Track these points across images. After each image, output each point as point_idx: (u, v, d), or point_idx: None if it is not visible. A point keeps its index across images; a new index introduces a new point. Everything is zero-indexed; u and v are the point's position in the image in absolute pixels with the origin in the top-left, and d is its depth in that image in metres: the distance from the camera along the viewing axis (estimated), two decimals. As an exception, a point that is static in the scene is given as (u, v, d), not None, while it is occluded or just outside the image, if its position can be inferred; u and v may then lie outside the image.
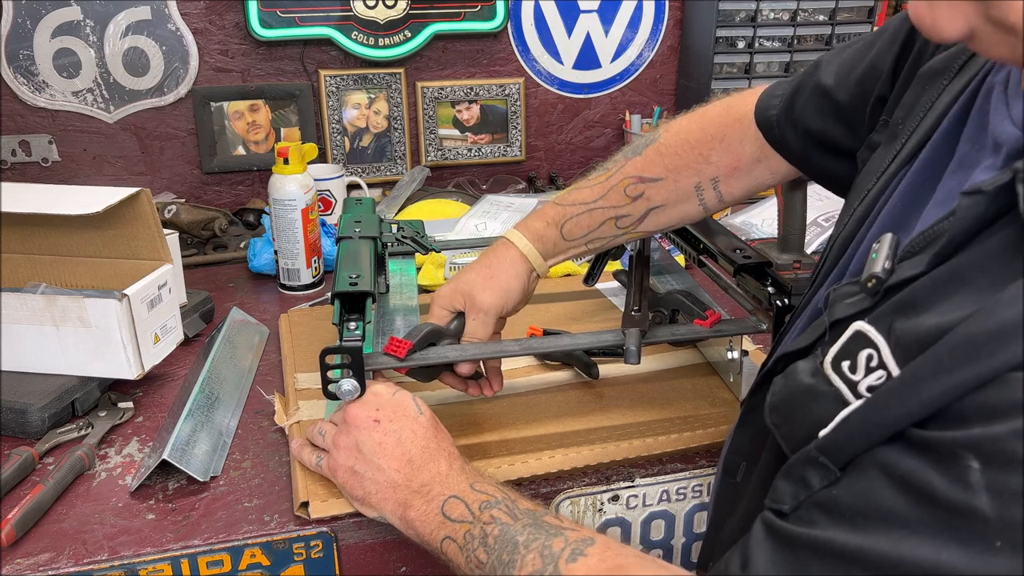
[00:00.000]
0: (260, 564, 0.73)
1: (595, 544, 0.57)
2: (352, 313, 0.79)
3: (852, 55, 0.71)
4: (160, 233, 0.95)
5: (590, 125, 1.77)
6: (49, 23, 1.41)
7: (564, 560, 0.56)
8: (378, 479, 0.69)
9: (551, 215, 0.83)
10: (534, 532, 0.60)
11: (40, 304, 0.86)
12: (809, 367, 0.51)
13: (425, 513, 0.66)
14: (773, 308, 0.83)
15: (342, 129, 1.61)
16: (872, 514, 0.41)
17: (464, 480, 0.67)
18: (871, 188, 0.60)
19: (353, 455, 0.71)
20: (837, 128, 0.72)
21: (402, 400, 0.73)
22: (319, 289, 1.23)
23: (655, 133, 0.84)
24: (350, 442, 0.71)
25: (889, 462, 0.41)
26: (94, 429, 0.86)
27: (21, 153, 1.47)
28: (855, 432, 0.44)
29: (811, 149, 0.75)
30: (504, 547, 0.60)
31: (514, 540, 0.60)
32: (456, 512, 0.64)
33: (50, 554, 0.70)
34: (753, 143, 0.78)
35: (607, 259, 1.08)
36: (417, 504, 0.67)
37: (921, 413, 0.40)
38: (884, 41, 0.67)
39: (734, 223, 1.46)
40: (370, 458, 0.70)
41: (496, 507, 0.63)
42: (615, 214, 0.82)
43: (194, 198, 1.56)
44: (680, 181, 0.81)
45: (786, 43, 1.67)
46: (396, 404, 0.72)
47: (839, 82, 0.71)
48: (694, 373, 0.96)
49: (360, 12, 1.53)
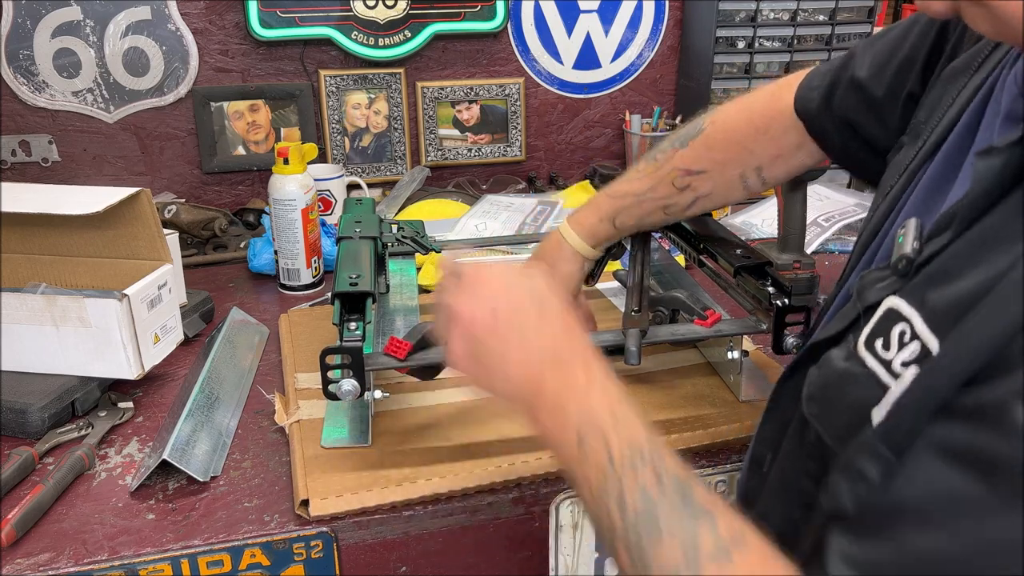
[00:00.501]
0: (260, 564, 0.73)
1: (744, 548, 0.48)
2: (352, 313, 0.79)
3: (885, 47, 0.71)
4: (160, 233, 0.96)
5: (590, 125, 1.77)
6: (49, 23, 1.41)
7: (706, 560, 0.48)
8: (504, 386, 0.59)
9: (605, 209, 0.88)
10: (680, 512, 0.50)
11: (40, 304, 0.86)
12: (843, 353, 0.51)
13: (558, 433, 0.56)
14: (773, 308, 0.83)
15: (342, 129, 1.61)
16: (940, 506, 0.39)
17: (606, 405, 0.56)
18: (894, 184, 0.60)
19: (473, 357, 0.61)
20: (873, 124, 0.73)
21: (521, 289, 0.62)
22: (319, 289, 1.23)
23: (700, 123, 0.85)
24: (467, 347, 0.61)
25: (942, 440, 0.40)
26: (94, 429, 0.86)
27: (21, 153, 1.47)
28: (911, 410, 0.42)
29: (850, 142, 0.76)
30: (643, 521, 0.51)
31: (655, 516, 0.50)
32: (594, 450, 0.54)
33: (50, 554, 0.70)
34: (795, 132, 0.80)
35: (607, 259, 1.08)
36: (547, 419, 0.57)
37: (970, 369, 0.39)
38: (916, 35, 0.68)
39: (734, 223, 1.46)
40: (494, 366, 0.59)
41: (640, 465, 0.52)
42: (664, 203, 0.86)
43: (194, 198, 1.56)
44: (726, 173, 0.83)
45: (786, 43, 1.67)
46: (515, 297, 0.61)
47: (873, 75, 0.72)
48: (694, 373, 0.96)
49: (360, 12, 1.53)
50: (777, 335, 0.83)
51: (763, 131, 0.81)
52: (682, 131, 0.86)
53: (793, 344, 0.83)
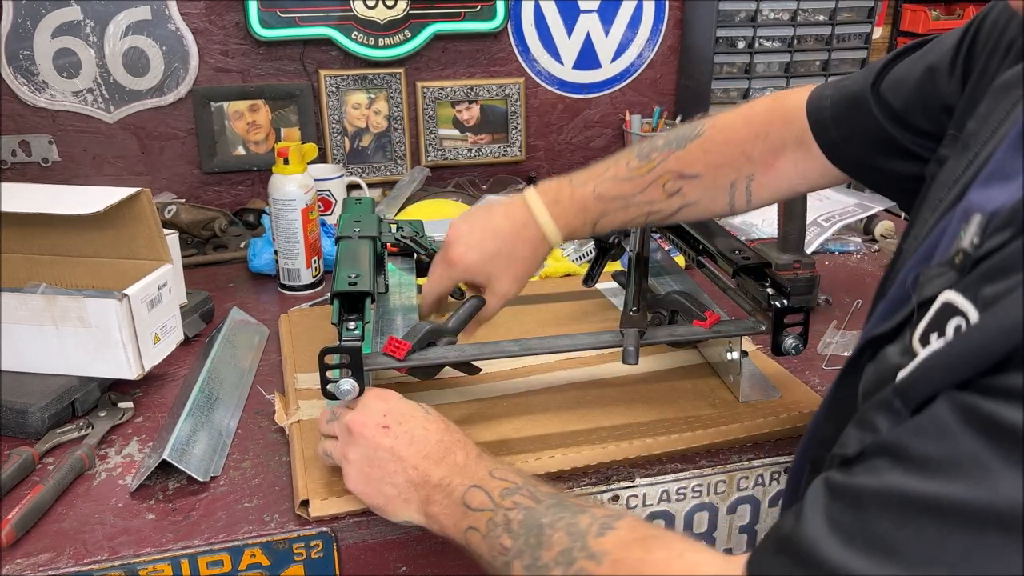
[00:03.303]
0: (260, 564, 0.73)
1: (623, 519, 0.56)
2: (351, 313, 0.79)
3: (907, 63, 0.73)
4: (160, 233, 0.96)
5: (590, 125, 1.77)
6: (49, 23, 1.41)
7: (592, 535, 0.55)
8: (397, 482, 0.68)
9: (592, 211, 0.83)
10: (558, 512, 0.58)
11: (40, 304, 0.86)
12: (898, 348, 0.50)
13: (447, 506, 0.65)
14: (772, 309, 0.83)
15: (342, 129, 1.61)
16: (946, 459, 0.39)
17: (483, 468, 0.66)
18: (944, 199, 0.59)
19: (367, 465, 0.69)
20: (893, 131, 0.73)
21: (408, 403, 0.73)
22: (319, 289, 1.23)
23: (699, 126, 0.83)
24: (361, 453, 0.69)
25: (966, 404, 0.39)
26: (94, 429, 0.86)
27: (21, 153, 1.47)
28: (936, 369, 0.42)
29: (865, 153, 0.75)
30: (530, 531, 0.58)
31: (539, 523, 0.58)
32: (477, 501, 0.63)
33: (50, 554, 0.70)
34: (793, 145, 0.79)
35: (607, 259, 1.08)
36: (438, 498, 0.65)
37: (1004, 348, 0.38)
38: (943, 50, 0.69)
39: (734, 223, 1.46)
40: (385, 463, 0.68)
41: (517, 493, 0.62)
42: (649, 209, 0.83)
43: (194, 198, 1.56)
44: (718, 179, 0.81)
45: (786, 43, 1.67)
46: (403, 407, 0.72)
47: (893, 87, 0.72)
48: (694, 373, 0.96)
49: (360, 12, 1.54)
50: (776, 336, 0.83)
51: (762, 136, 0.80)
52: (680, 131, 0.84)
53: (792, 345, 0.83)
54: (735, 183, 0.81)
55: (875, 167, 0.76)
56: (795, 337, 0.84)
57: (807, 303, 0.84)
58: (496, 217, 0.84)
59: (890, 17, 2.96)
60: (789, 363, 0.97)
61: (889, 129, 0.73)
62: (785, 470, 0.85)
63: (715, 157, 0.81)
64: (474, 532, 0.62)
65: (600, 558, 0.53)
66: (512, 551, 0.59)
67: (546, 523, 0.58)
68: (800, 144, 0.79)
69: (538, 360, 0.97)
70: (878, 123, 0.73)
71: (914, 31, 2.95)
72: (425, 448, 0.68)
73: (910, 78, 0.72)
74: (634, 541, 0.54)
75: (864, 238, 1.45)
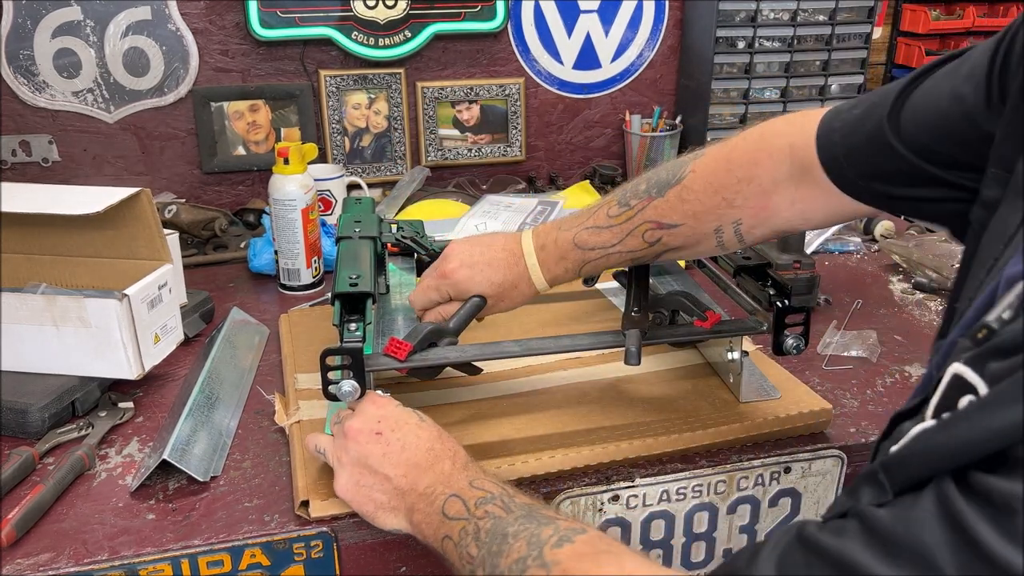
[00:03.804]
0: (260, 564, 0.73)
1: (586, 534, 0.57)
2: (352, 314, 0.79)
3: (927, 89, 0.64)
4: (160, 233, 0.96)
5: (590, 125, 1.77)
6: (49, 23, 1.41)
7: (550, 545, 0.56)
8: (386, 488, 0.69)
9: (572, 260, 0.82)
10: (525, 523, 0.59)
11: (40, 304, 0.86)
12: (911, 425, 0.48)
13: (428, 515, 0.66)
14: (773, 309, 0.83)
15: (342, 129, 1.61)
16: (908, 546, 0.38)
17: (464, 478, 0.67)
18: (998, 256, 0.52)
19: (358, 470, 0.70)
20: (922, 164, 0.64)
21: (402, 411, 0.73)
22: (319, 289, 1.23)
23: (682, 168, 0.78)
24: (353, 458, 0.70)
25: (946, 497, 0.38)
26: (94, 429, 0.86)
27: (21, 153, 1.47)
28: (920, 452, 0.41)
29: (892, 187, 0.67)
30: (494, 539, 0.59)
31: (504, 532, 0.59)
32: (454, 510, 0.64)
33: (50, 554, 0.70)
34: (788, 184, 0.72)
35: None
36: (421, 507, 0.66)
37: (991, 444, 0.37)
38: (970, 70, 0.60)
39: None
40: (376, 469, 0.69)
41: (491, 503, 0.63)
42: (632, 256, 0.81)
43: (194, 198, 1.56)
44: (699, 227, 0.77)
45: (786, 43, 1.67)
46: (397, 415, 0.72)
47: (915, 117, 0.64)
48: (694, 373, 0.96)
49: (360, 12, 1.53)
50: (777, 336, 0.83)
51: (746, 180, 0.73)
52: (663, 173, 0.79)
53: (793, 345, 0.83)
54: (720, 228, 0.76)
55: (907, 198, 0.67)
56: (796, 337, 0.84)
57: (807, 303, 0.83)
58: (495, 248, 0.85)
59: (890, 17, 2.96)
60: (789, 363, 0.97)
61: (916, 163, 0.64)
62: (785, 470, 0.85)
63: (693, 206, 0.76)
64: (448, 541, 0.63)
65: (551, 567, 0.55)
66: (476, 560, 0.60)
67: (511, 532, 0.59)
68: (799, 183, 0.71)
69: (539, 360, 0.97)
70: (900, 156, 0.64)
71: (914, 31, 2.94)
72: (415, 456, 0.69)
73: (934, 106, 0.62)
74: (588, 555, 0.55)
75: (864, 238, 1.45)
